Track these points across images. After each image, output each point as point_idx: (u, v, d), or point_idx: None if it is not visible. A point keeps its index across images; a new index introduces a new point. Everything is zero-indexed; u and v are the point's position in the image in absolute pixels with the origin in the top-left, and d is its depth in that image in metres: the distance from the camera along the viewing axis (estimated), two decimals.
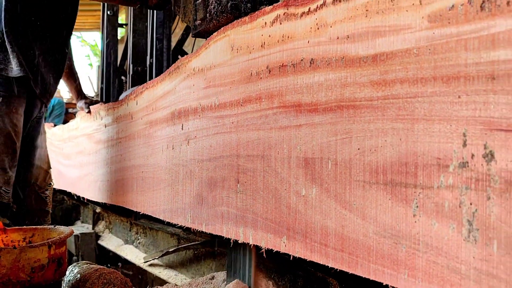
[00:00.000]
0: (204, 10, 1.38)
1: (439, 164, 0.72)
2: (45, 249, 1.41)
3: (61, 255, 1.46)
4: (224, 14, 1.29)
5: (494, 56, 0.65)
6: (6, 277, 1.35)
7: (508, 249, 0.63)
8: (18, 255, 1.36)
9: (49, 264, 1.42)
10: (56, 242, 1.44)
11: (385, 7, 0.82)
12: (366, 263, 0.84)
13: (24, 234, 1.65)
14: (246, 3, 1.28)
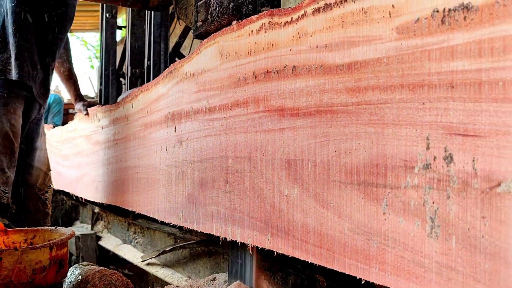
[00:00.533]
0: (206, 11, 1.39)
1: (405, 166, 0.78)
2: (46, 251, 1.40)
3: (62, 257, 1.46)
4: (226, 15, 1.30)
5: (453, 66, 0.71)
6: (8, 279, 1.34)
7: (464, 244, 0.68)
8: (19, 256, 1.36)
9: (51, 265, 1.41)
10: (58, 244, 1.44)
11: (359, 18, 0.87)
12: (342, 258, 0.89)
13: (25, 235, 1.65)
14: (248, 4, 1.29)
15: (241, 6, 1.28)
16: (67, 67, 2.79)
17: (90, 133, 2.57)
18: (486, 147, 0.66)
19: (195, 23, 1.46)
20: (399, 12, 0.80)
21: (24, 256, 1.36)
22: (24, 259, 1.36)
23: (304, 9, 1.01)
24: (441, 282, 0.72)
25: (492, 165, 0.65)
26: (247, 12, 1.28)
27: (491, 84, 0.66)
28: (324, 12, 0.95)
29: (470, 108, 0.68)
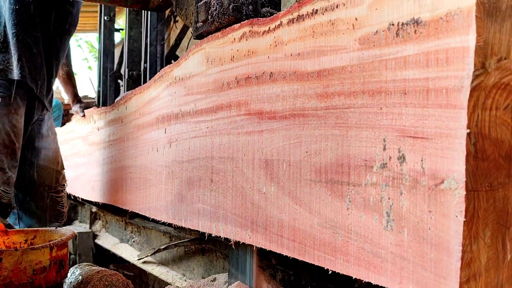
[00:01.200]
0: (206, 12, 1.39)
1: (366, 165, 0.85)
2: (46, 251, 1.40)
3: (62, 257, 1.46)
4: (226, 16, 1.30)
5: (406, 75, 0.78)
6: (8, 279, 1.34)
7: (414, 236, 0.76)
8: (20, 257, 1.36)
9: (51, 266, 1.41)
10: (58, 244, 1.43)
11: (327, 29, 0.95)
12: (312, 250, 0.97)
13: (25, 236, 1.65)
14: (248, 5, 1.29)
15: (241, 6, 1.29)
16: (66, 70, 2.85)
17: (87, 134, 2.65)
18: (432, 148, 0.73)
19: (195, 23, 1.46)
20: (361, 24, 0.87)
21: (24, 256, 1.36)
22: (24, 260, 1.36)
23: (280, 20, 1.08)
24: (395, 271, 0.79)
25: (437, 164, 0.73)
26: (247, 13, 1.29)
27: (436, 91, 0.73)
28: (298, 23, 1.03)
29: (419, 113, 0.76)
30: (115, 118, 2.18)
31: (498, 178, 0.72)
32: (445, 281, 0.71)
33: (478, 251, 0.70)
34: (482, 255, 0.71)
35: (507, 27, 0.71)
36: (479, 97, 0.70)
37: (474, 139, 0.69)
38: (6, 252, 1.36)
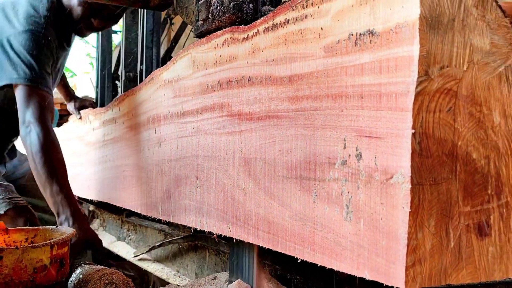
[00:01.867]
0: (206, 10, 1.40)
1: (329, 162, 0.93)
2: (47, 250, 1.40)
3: (63, 256, 1.46)
4: (226, 14, 1.31)
5: (363, 80, 0.87)
6: (9, 277, 1.35)
7: (369, 225, 0.84)
8: (20, 255, 1.36)
9: (51, 264, 1.42)
10: (58, 243, 1.44)
11: (297, 38, 1.03)
12: (284, 241, 1.05)
13: (26, 234, 1.65)
14: (249, 3, 1.30)
15: (242, 5, 1.29)
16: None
17: (83, 134, 2.73)
18: (384, 146, 0.82)
19: (196, 22, 1.47)
20: (326, 34, 0.95)
21: (25, 255, 1.36)
22: (25, 258, 1.36)
23: (257, 28, 1.17)
24: (353, 258, 0.87)
25: (388, 161, 0.81)
26: (248, 11, 1.30)
27: (387, 95, 0.82)
28: (272, 31, 1.11)
29: (373, 115, 0.84)
30: (110, 119, 2.26)
31: (442, 174, 0.80)
32: (394, 265, 0.79)
33: (423, 239, 0.79)
34: (427, 242, 0.79)
35: (449, 39, 0.79)
36: (423, 101, 0.78)
37: (419, 139, 0.78)
38: (6, 250, 1.36)
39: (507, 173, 0.86)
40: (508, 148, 0.86)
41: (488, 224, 0.84)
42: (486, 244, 0.84)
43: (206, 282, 1.63)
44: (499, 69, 0.85)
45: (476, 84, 0.83)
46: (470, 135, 0.82)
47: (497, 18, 0.84)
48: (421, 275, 0.79)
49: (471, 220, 0.83)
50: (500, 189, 0.85)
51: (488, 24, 0.83)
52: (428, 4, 0.77)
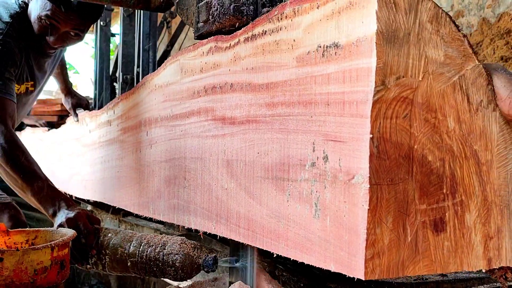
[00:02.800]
0: (207, 12, 1.40)
1: (300, 164, 1.01)
2: (48, 251, 1.40)
3: (64, 257, 1.46)
4: (227, 16, 1.31)
5: (329, 89, 0.94)
6: (9, 279, 1.34)
7: (334, 222, 0.92)
8: (21, 257, 1.35)
9: (52, 266, 1.41)
10: (59, 244, 1.44)
11: (273, 48, 1.11)
12: (261, 237, 1.13)
13: (27, 236, 1.63)
14: (249, 5, 1.31)
15: (242, 6, 1.30)
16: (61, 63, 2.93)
17: (80, 136, 2.81)
18: (347, 149, 0.89)
19: (196, 23, 1.47)
20: (298, 45, 1.03)
21: (25, 256, 1.36)
22: (25, 260, 1.35)
23: (239, 38, 1.24)
24: (321, 252, 0.95)
25: (350, 163, 0.89)
26: (248, 13, 1.31)
27: (350, 103, 0.89)
28: (251, 41, 1.19)
29: (338, 121, 0.92)
30: (105, 121, 2.34)
31: (399, 174, 0.88)
32: (354, 258, 0.87)
33: (382, 234, 0.86)
34: (385, 237, 0.87)
35: (405, 51, 0.87)
36: (381, 108, 0.86)
37: (376, 143, 0.85)
38: (7, 252, 1.36)
39: (462, 174, 0.94)
40: (462, 151, 0.93)
41: (443, 221, 0.92)
42: (442, 239, 0.92)
43: (206, 283, 1.64)
44: (453, 78, 0.92)
45: (431, 92, 0.90)
46: (425, 139, 0.90)
47: (450, 32, 0.92)
48: (379, 267, 0.87)
49: (427, 217, 0.91)
50: (455, 188, 0.93)
51: (442, 38, 0.91)
52: (384, 20, 0.85)
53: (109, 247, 1.62)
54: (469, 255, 0.95)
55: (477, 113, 0.95)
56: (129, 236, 1.61)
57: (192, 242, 1.48)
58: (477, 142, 0.95)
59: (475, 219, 0.95)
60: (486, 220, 0.96)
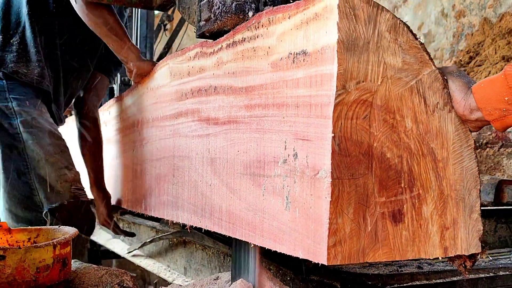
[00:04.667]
0: (209, 11, 1.41)
1: (274, 161, 1.10)
2: (50, 249, 1.41)
3: (66, 255, 1.47)
4: (229, 14, 1.32)
5: (299, 92, 1.03)
6: (12, 277, 1.35)
7: (302, 213, 1.01)
8: (23, 255, 1.36)
9: (54, 264, 1.42)
10: (61, 242, 1.44)
11: (251, 54, 1.20)
12: (240, 229, 1.22)
13: (28, 234, 1.65)
14: (251, 3, 1.31)
15: (244, 5, 1.31)
16: None
17: None
18: (313, 147, 0.99)
19: (198, 22, 1.48)
20: (272, 52, 1.12)
21: (27, 254, 1.36)
22: (27, 258, 1.36)
23: (221, 44, 1.34)
24: (291, 241, 1.04)
25: (315, 159, 0.98)
26: (250, 11, 1.31)
27: (315, 105, 0.98)
28: (233, 47, 1.28)
29: (306, 121, 1.01)
30: (101, 122, 2.43)
31: (359, 170, 0.97)
32: (319, 245, 0.96)
33: (343, 223, 0.95)
34: (346, 227, 0.96)
35: (364, 58, 0.96)
36: (342, 110, 0.95)
37: (338, 141, 0.94)
38: (9, 250, 1.36)
39: (419, 170, 1.03)
40: (419, 148, 1.02)
41: (401, 212, 1.01)
42: (400, 229, 1.01)
43: (208, 282, 1.65)
44: (410, 83, 1.01)
45: (390, 95, 0.99)
46: (384, 138, 0.99)
47: (408, 41, 1.01)
48: (341, 253, 0.96)
49: (386, 208, 1.00)
50: (413, 183, 1.02)
51: (400, 46, 1.00)
52: (345, 31, 0.94)
53: None
54: (426, 244, 1.04)
55: (434, 114, 1.04)
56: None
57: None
58: (433, 141, 1.04)
59: (432, 211, 1.04)
60: (442, 212, 1.05)
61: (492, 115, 1.02)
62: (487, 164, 3.39)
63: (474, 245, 1.09)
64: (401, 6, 6.19)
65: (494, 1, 5.18)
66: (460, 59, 5.04)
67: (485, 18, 5.22)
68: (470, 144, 1.08)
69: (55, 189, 1.81)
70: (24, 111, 1.84)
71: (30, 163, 1.81)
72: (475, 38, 5.21)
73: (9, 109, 1.81)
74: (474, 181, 1.08)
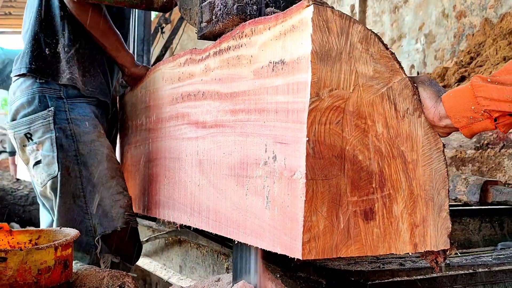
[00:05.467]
0: (210, 12, 1.41)
1: (256, 163, 1.17)
2: (51, 251, 1.40)
3: (67, 257, 1.47)
4: (230, 16, 1.32)
5: (278, 99, 1.11)
6: (13, 279, 1.35)
7: (281, 212, 1.08)
8: (25, 257, 1.36)
9: (56, 266, 1.41)
10: (63, 244, 1.44)
11: (236, 62, 1.27)
12: (226, 227, 1.29)
13: (30, 236, 1.65)
14: (252, 5, 1.31)
15: (246, 6, 1.30)
16: None
17: None
18: (290, 150, 1.06)
19: (200, 23, 1.48)
20: (254, 60, 1.20)
21: (29, 256, 1.37)
22: (29, 259, 1.36)
23: (209, 51, 1.41)
24: (270, 237, 1.11)
25: (292, 161, 1.05)
26: (251, 13, 1.31)
27: (292, 111, 1.06)
28: (219, 55, 1.35)
29: (284, 126, 1.08)
30: None
31: (332, 171, 1.04)
32: (295, 242, 1.03)
33: (317, 221, 1.03)
34: (320, 224, 1.03)
35: (337, 68, 1.04)
36: (316, 116, 1.02)
37: (312, 145, 1.02)
38: (11, 252, 1.36)
39: (390, 171, 1.10)
40: (390, 151, 1.10)
41: (373, 211, 1.08)
42: (371, 226, 1.08)
43: (209, 283, 1.65)
44: (381, 90, 1.09)
45: (361, 102, 1.07)
46: (356, 142, 1.06)
47: (379, 51, 1.08)
48: (315, 249, 1.03)
49: (358, 207, 1.07)
50: (383, 183, 1.09)
51: (372, 56, 1.07)
52: (318, 42, 1.01)
53: None
54: (397, 241, 1.11)
55: (404, 119, 1.11)
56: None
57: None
58: (403, 144, 1.11)
59: (402, 209, 1.11)
60: (412, 210, 1.12)
61: (460, 122, 1.10)
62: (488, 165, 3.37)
63: (443, 241, 1.16)
64: (402, 6, 6.19)
65: (495, 2, 5.18)
66: (461, 60, 5.04)
67: (486, 19, 5.21)
68: (439, 147, 1.15)
69: (109, 214, 1.81)
70: (84, 132, 1.84)
71: (85, 187, 1.81)
72: (476, 39, 5.20)
73: (69, 130, 1.81)
74: (443, 181, 1.15)
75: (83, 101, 1.89)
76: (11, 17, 9.21)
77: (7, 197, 5.20)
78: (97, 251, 1.76)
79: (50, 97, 1.81)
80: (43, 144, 1.80)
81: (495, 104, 1.05)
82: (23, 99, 1.82)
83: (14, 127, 1.85)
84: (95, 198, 1.79)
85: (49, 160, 1.78)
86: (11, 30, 10.64)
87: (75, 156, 1.81)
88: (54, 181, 1.78)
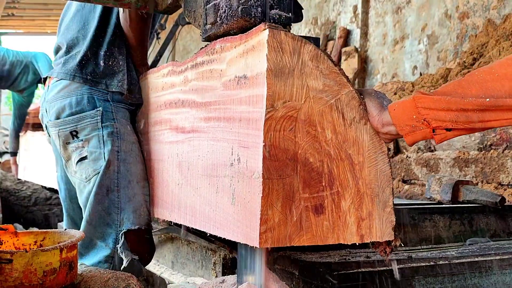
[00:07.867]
0: (215, 14, 1.42)
1: (224, 164, 1.34)
2: (56, 253, 1.41)
3: (72, 259, 1.47)
4: (235, 18, 1.33)
5: (241, 108, 1.27)
6: (19, 281, 1.35)
7: (243, 207, 1.25)
8: (30, 258, 1.36)
9: (61, 267, 1.42)
10: (68, 246, 1.45)
11: (209, 75, 1.44)
12: (200, 221, 1.46)
13: (35, 237, 1.65)
14: (257, 7, 1.32)
15: (250, 8, 1.31)
16: None
17: None
18: (250, 153, 1.22)
19: (204, 26, 1.49)
20: (223, 74, 1.36)
21: (34, 258, 1.37)
22: (34, 261, 1.37)
23: (187, 64, 1.58)
24: (235, 229, 1.28)
25: (252, 163, 1.22)
26: (256, 15, 1.32)
27: (252, 120, 1.22)
28: (196, 68, 1.52)
29: (246, 132, 1.25)
30: None
31: (286, 172, 1.21)
32: (253, 232, 1.20)
33: (273, 215, 1.19)
34: (275, 217, 1.20)
35: (290, 82, 1.20)
36: (271, 124, 1.18)
37: (268, 149, 1.18)
38: (17, 254, 1.37)
39: (338, 172, 1.26)
40: (338, 154, 1.26)
41: (322, 206, 1.25)
42: (322, 219, 1.25)
43: (214, 285, 1.68)
44: (330, 101, 1.25)
45: (312, 112, 1.23)
46: (307, 146, 1.23)
47: (328, 67, 1.25)
48: (271, 238, 1.19)
49: (309, 203, 1.23)
50: (332, 182, 1.26)
51: (321, 72, 1.24)
52: (273, 61, 1.18)
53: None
54: (345, 232, 1.27)
55: (351, 126, 1.28)
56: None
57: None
58: (351, 148, 1.28)
59: (349, 205, 1.28)
60: (359, 206, 1.29)
61: (403, 130, 1.25)
62: (491, 166, 3.38)
63: (387, 233, 1.32)
64: (404, 7, 6.08)
65: (498, 3, 5.07)
66: (464, 61, 4.97)
67: (489, 20, 5.10)
68: (383, 150, 1.31)
69: (138, 211, 1.86)
70: (127, 133, 1.92)
71: (120, 182, 1.86)
72: (479, 40, 5.07)
73: (115, 128, 1.89)
74: (387, 180, 1.32)
75: (125, 107, 1.98)
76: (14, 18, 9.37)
77: (10, 198, 5.35)
78: (118, 245, 1.83)
79: (98, 98, 1.91)
80: (89, 141, 1.89)
81: (433, 112, 1.21)
82: (70, 99, 1.91)
83: (59, 125, 1.93)
84: (128, 194, 1.85)
85: (95, 156, 1.87)
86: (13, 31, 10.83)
87: (117, 152, 1.88)
88: (98, 175, 1.86)
